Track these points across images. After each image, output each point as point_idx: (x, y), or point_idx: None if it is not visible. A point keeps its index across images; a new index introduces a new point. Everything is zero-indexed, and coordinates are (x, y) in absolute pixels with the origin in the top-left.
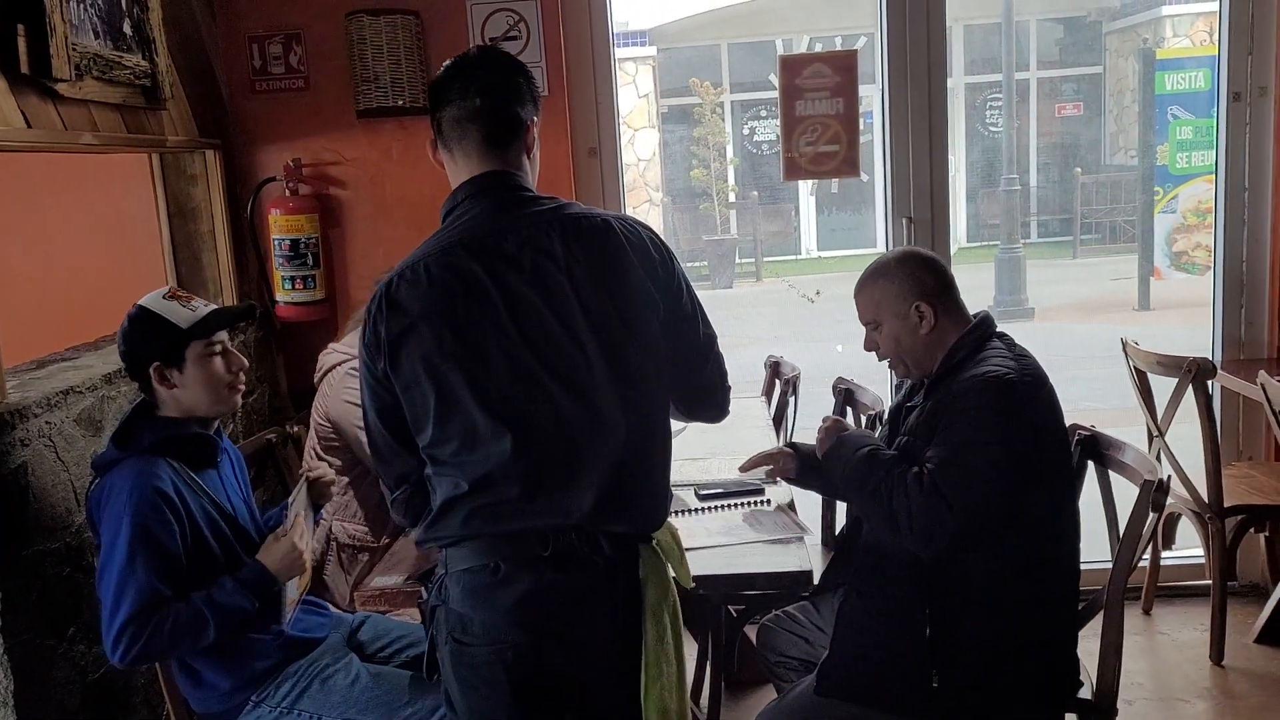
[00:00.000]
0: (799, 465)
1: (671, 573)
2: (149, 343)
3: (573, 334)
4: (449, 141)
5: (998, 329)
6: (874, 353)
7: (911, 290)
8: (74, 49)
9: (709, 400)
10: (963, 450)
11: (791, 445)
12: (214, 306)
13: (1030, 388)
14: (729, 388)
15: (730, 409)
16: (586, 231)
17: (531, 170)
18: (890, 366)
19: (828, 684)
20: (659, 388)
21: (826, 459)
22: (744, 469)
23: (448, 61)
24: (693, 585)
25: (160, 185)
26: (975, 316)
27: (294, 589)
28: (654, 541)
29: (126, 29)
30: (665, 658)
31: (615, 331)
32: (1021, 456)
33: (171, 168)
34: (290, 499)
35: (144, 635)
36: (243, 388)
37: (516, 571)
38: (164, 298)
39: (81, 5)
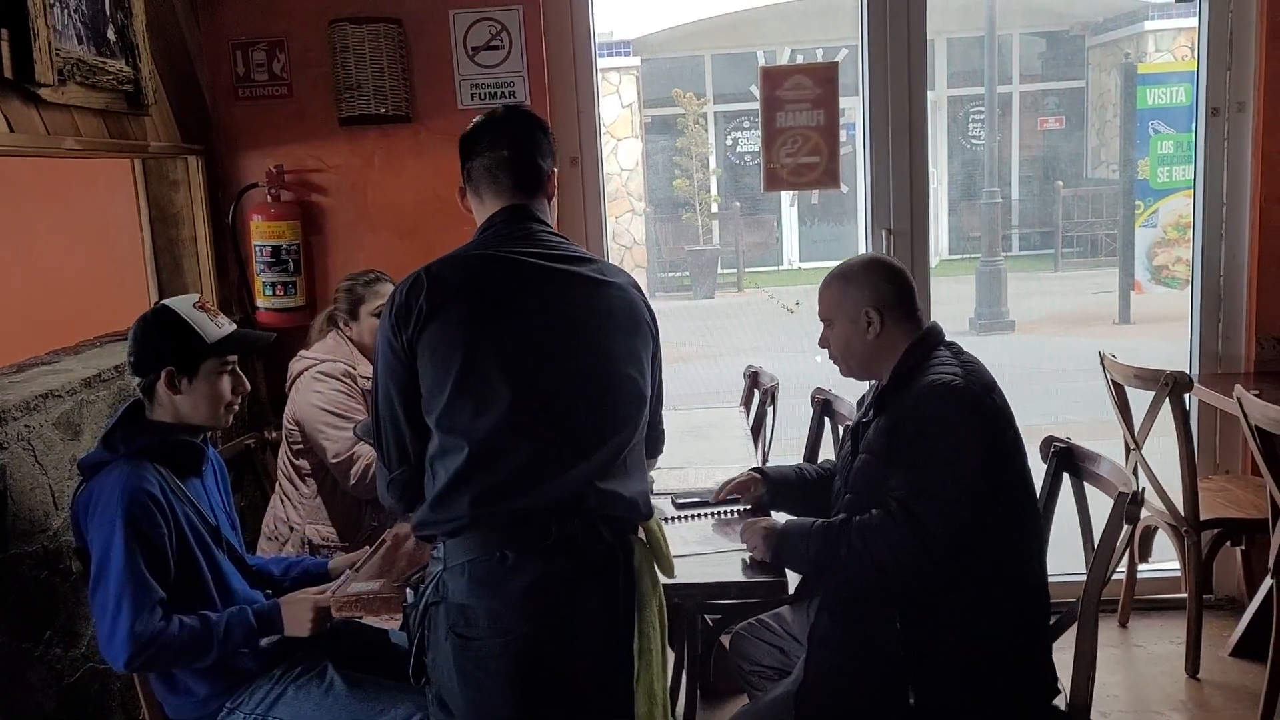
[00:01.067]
0: (770, 490)
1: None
2: (170, 347)
3: (589, 335)
4: (479, 187)
5: (945, 338)
6: (825, 349)
7: (866, 296)
8: (57, 54)
9: (655, 438)
10: (929, 473)
11: (760, 471)
12: (235, 326)
13: (977, 393)
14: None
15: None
16: (609, 271)
17: (551, 214)
18: (835, 364)
19: (806, 708)
20: (645, 411)
21: (780, 558)
22: (714, 500)
23: (478, 118)
24: (674, 577)
25: (142, 190)
26: (919, 325)
27: None
28: (642, 534)
29: (110, 34)
30: (655, 646)
31: (623, 347)
32: (980, 462)
33: (154, 173)
34: (354, 569)
35: (151, 649)
36: (237, 409)
37: (523, 560)
38: (194, 306)
39: (65, 10)
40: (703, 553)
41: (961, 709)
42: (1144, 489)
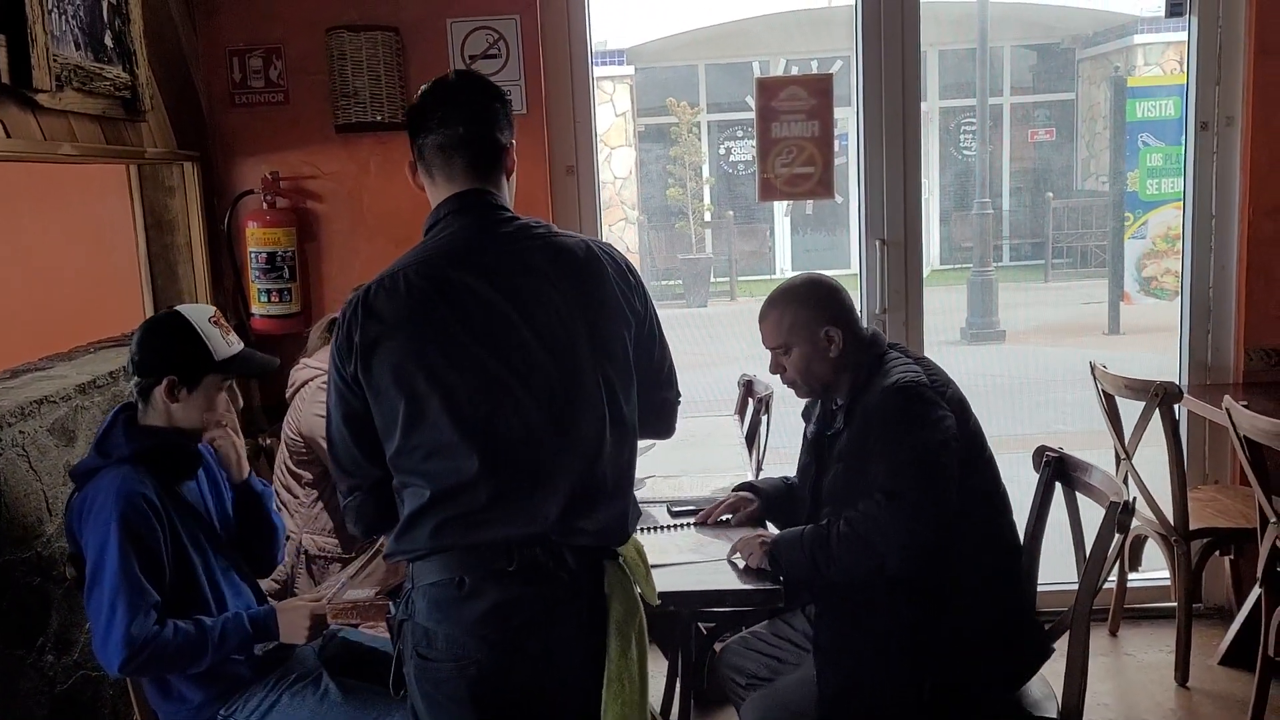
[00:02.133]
0: (763, 504)
1: (638, 590)
2: (178, 356)
3: (549, 349)
4: (431, 167)
5: (888, 342)
6: (779, 375)
7: (821, 315)
8: (55, 60)
9: (662, 417)
10: (905, 460)
11: (749, 486)
12: (243, 345)
13: (938, 386)
14: (678, 405)
15: (678, 427)
16: (565, 251)
17: (509, 191)
18: (792, 387)
19: None
20: (629, 406)
21: (778, 566)
22: (703, 521)
23: (426, 86)
24: (658, 603)
25: (138, 196)
26: (867, 333)
27: None
28: (620, 558)
29: (108, 41)
30: (628, 675)
31: (589, 346)
32: (952, 448)
33: (149, 179)
34: (347, 579)
35: (145, 653)
36: (226, 424)
37: (481, 585)
38: (209, 320)
39: (63, 16)
40: (698, 560)
41: (968, 693)
42: (1134, 499)
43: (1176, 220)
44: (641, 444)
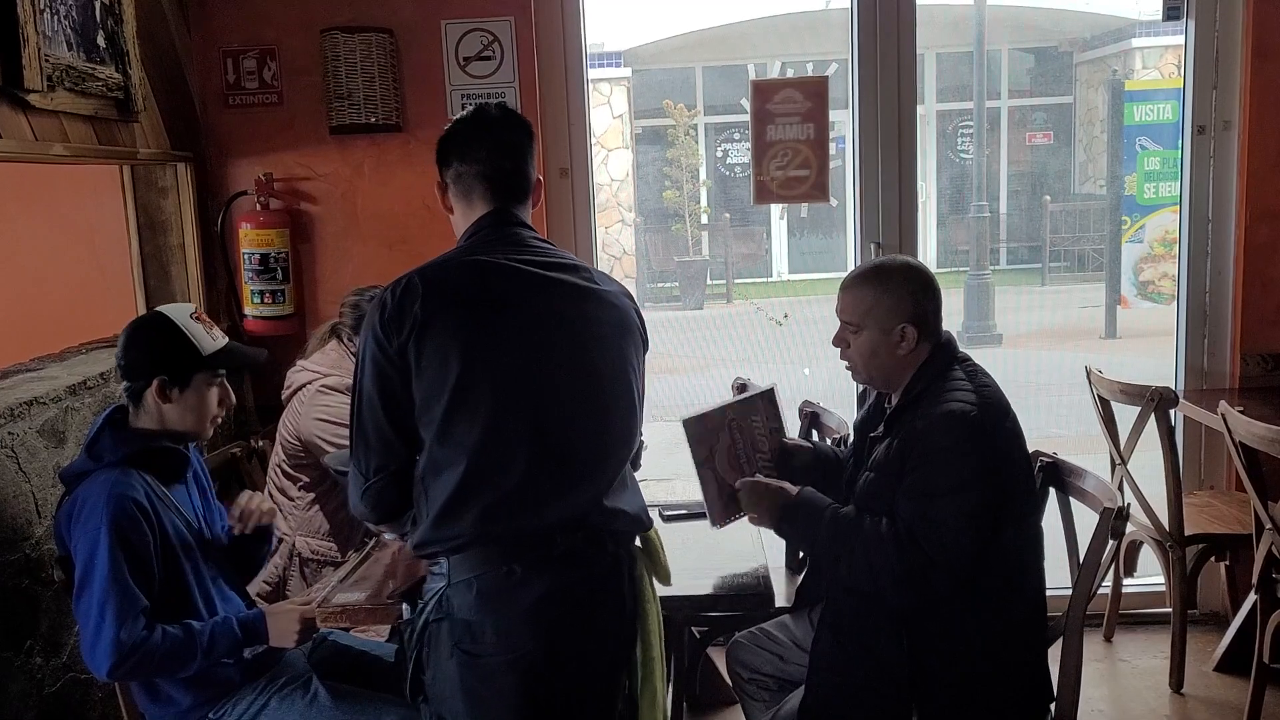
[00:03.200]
0: (813, 459)
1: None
2: (164, 356)
3: (597, 339)
4: (471, 194)
5: (960, 354)
6: (840, 350)
7: (905, 309)
8: (46, 60)
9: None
10: (935, 502)
11: (814, 444)
12: (229, 340)
13: (993, 421)
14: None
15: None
16: (600, 279)
17: (529, 218)
18: (849, 367)
19: None
20: (638, 420)
21: (781, 530)
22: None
23: (467, 115)
24: (670, 585)
25: (130, 197)
26: (941, 340)
27: None
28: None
29: (100, 41)
30: (657, 653)
31: (619, 365)
32: (991, 495)
33: (142, 180)
34: (336, 581)
35: (133, 658)
36: (221, 422)
37: (531, 573)
38: (191, 317)
39: (55, 17)
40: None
41: None
42: (1129, 504)
43: (1174, 224)
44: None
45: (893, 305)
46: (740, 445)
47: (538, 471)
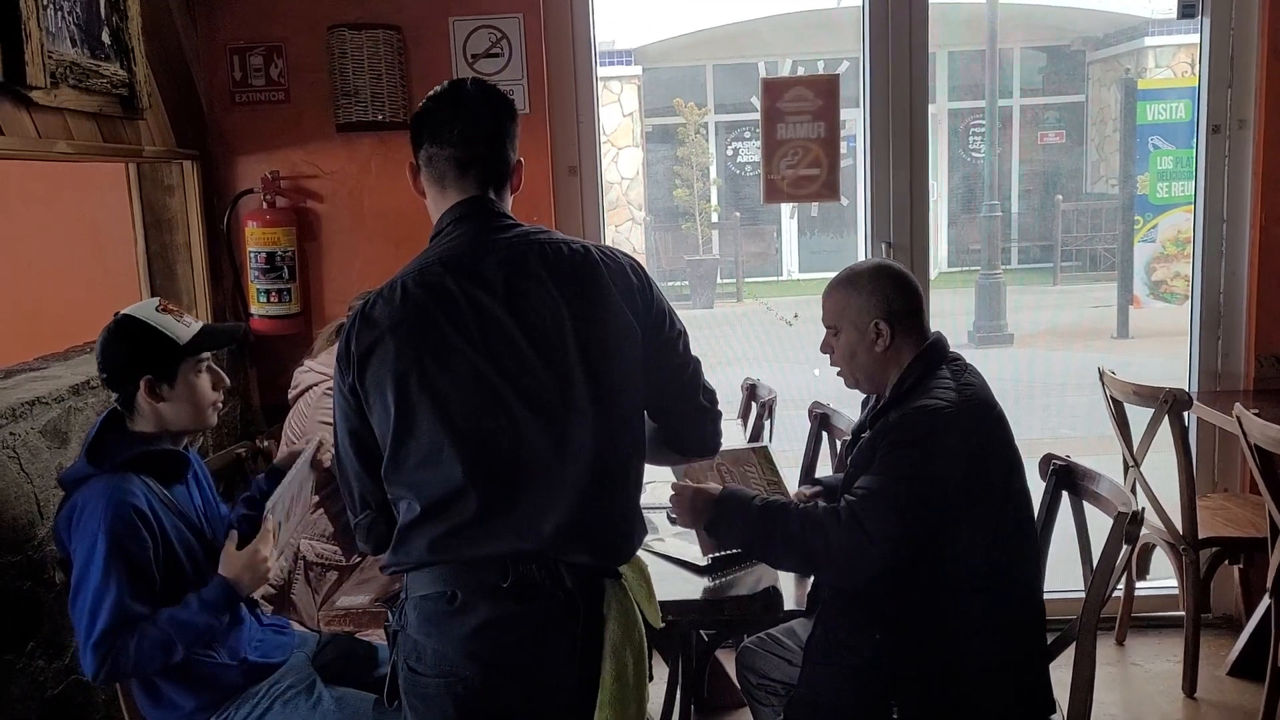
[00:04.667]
0: (829, 496)
1: (641, 613)
2: (143, 355)
3: (545, 357)
4: (444, 179)
5: (950, 354)
6: (828, 355)
7: (876, 306)
8: (50, 57)
9: (696, 430)
10: (888, 484)
11: (817, 482)
12: (203, 322)
13: (967, 417)
14: (719, 416)
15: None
16: (565, 258)
17: (508, 203)
18: (839, 374)
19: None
20: (634, 416)
21: (713, 529)
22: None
23: (440, 91)
24: (662, 625)
25: (136, 195)
26: (925, 338)
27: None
28: (621, 578)
29: (105, 38)
30: (623, 699)
31: (589, 357)
32: (954, 485)
33: (148, 178)
34: (275, 497)
35: (113, 653)
36: (222, 407)
37: (474, 600)
38: (157, 310)
39: (59, 13)
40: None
41: None
42: (1143, 508)
43: (1187, 224)
44: None
45: (864, 304)
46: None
47: (485, 502)
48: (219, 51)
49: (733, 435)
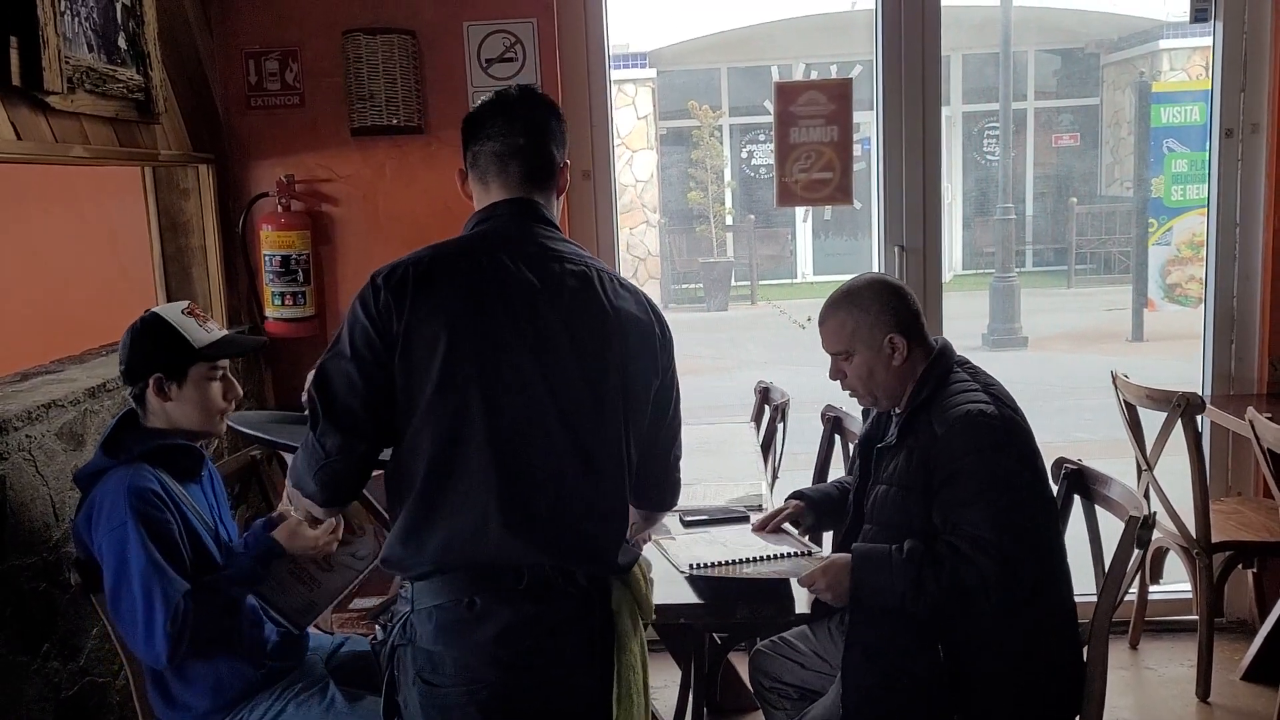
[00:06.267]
0: (814, 513)
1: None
2: (156, 353)
3: (584, 370)
4: (486, 174)
5: (959, 358)
6: (839, 381)
7: (885, 322)
8: (67, 62)
9: (662, 483)
10: (989, 503)
11: (799, 495)
12: (226, 331)
13: (1010, 420)
14: (679, 483)
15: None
16: (610, 282)
17: (557, 210)
18: (853, 395)
19: None
20: (640, 442)
21: (858, 597)
22: (759, 528)
23: (488, 97)
24: (653, 619)
25: (152, 199)
26: (935, 344)
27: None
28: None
29: (121, 43)
30: (636, 688)
31: (616, 384)
32: (1025, 489)
33: (164, 181)
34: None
35: (182, 633)
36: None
37: (493, 606)
38: (182, 313)
39: (76, 19)
40: (738, 559)
41: None
42: (1154, 513)
43: (1201, 227)
44: None
45: (874, 321)
46: None
47: (509, 506)
48: (234, 56)
49: (745, 439)
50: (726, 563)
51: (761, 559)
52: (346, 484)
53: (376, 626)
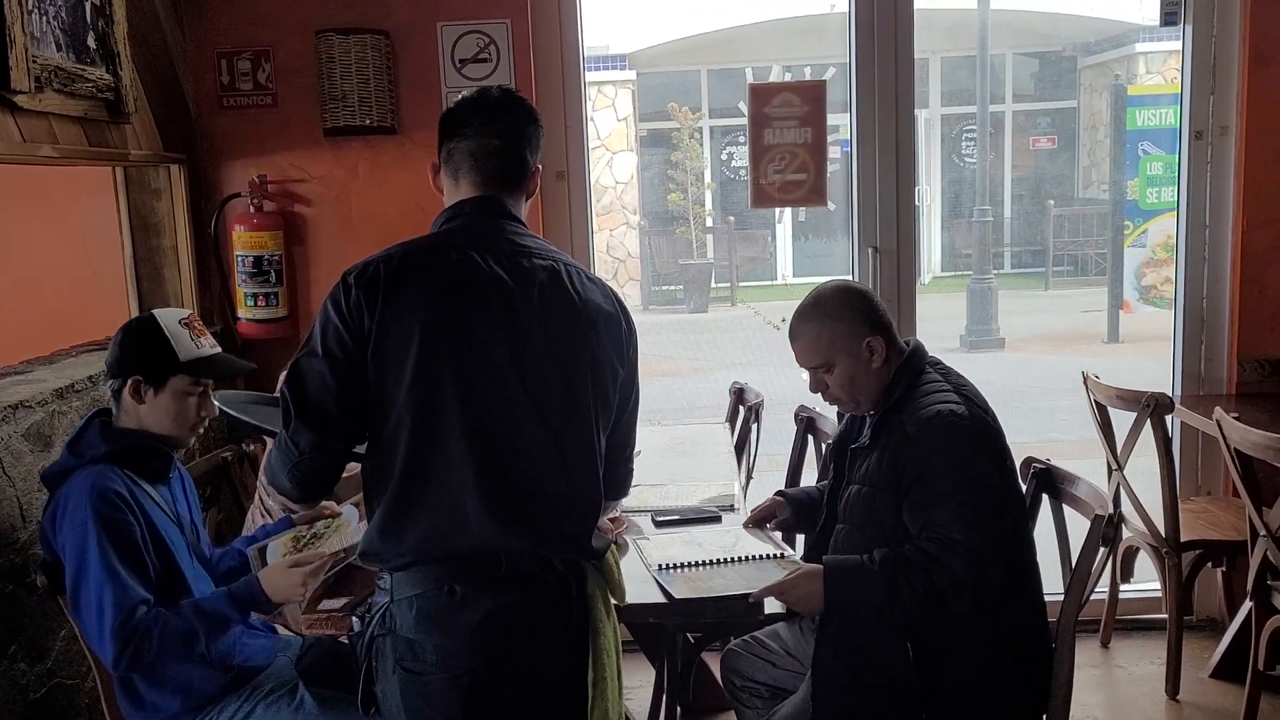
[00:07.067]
0: (794, 512)
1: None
2: (142, 355)
3: (557, 359)
4: (458, 172)
5: (930, 358)
6: (820, 394)
7: (861, 326)
8: (35, 61)
9: (618, 473)
10: (960, 503)
11: (782, 494)
12: (218, 350)
13: (981, 420)
14: (632, 472)
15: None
16: (577, 276)
17: (524, 212)
18: (836, 404)
19: None
20: (607, 432)
21: (834, 607)
22: (750, 524)
23: (468, 94)
24: (625, 602)
25: (123, 199)
26: (907, 345)
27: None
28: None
29: (90, 42)
30: (611, 672)
31: (587, 377)
32: (996, 489)
33: (135, 182)
34: (331, 530)
35: (135, 641)
36: (202, 431)
37: (474, 594)
38: (179, 322)
39: (44, 18)
40: (715, 560)
41: None
42: (1120, 511)
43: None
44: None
45: (849, 330)
46: None
47: (486, 497)
48: (207, 56)
49: (719, 438)
50: (697, 564)
51: (736, 560)
52: (321, 480)
53: (354, 619)
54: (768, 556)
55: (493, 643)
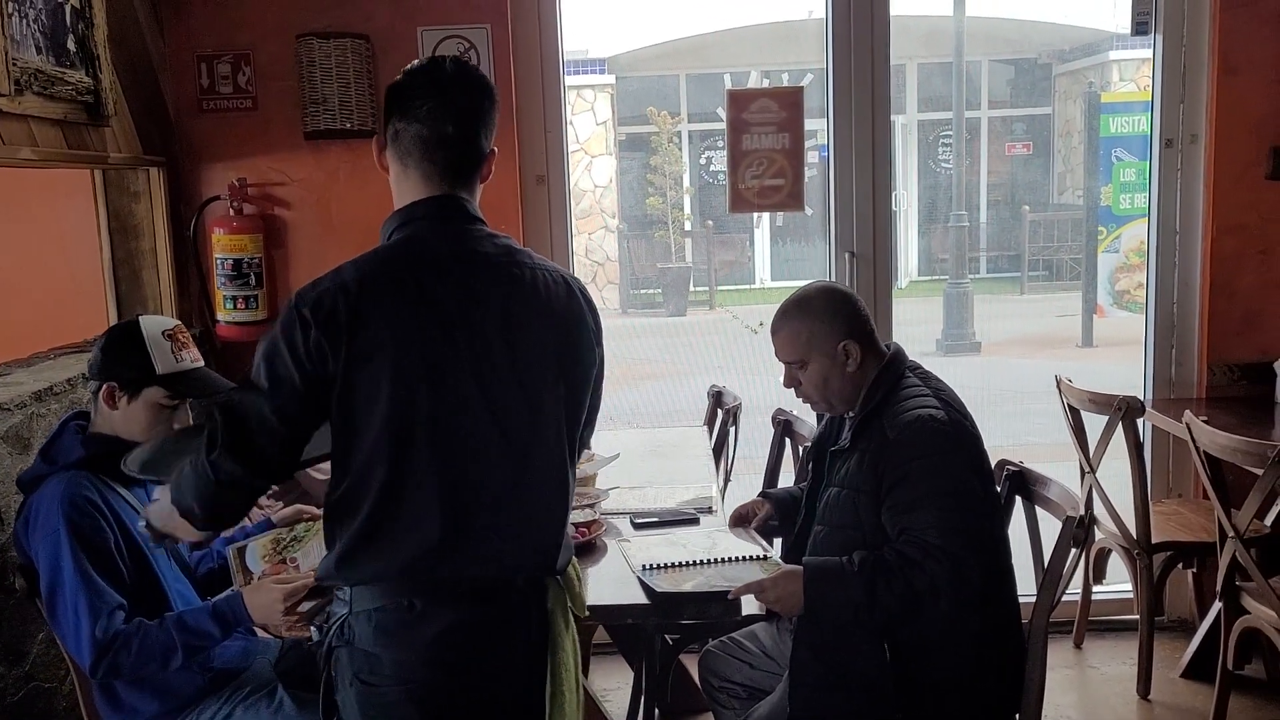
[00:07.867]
0: (778, 512)
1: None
2: (120, 363)
3: (525, 389)
4: (407, 158)
5: (911, 362)
6: (793, 390)
7: (839, 329)
8: (14, 64)
9: (585, 435)
10: (940, 507)
11: (765, 495)
12: (200, 365)
13: (959, 425)
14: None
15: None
16: (541, 276)
17: (478, 196)
18: (808, 402)
19: None
20: (577, 444)
21: (813, 609)
22: (735, 524)
23: (418, 65)
24: (586, 615)
25: (102, 201)
26: (888, 349)
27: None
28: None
29: (70, 45)
30: (569, 686)
31: (555, 387)
32: (973, 494)
33: (114, 184)
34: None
35: (113, 650)
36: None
37: (432, 608)
38: (163, 333)
39: (24, 20)
40: (700, 560)
41: None
42: (1091, 513)
43: None
44: (607, 453)
45: (827, 330)
46: None
47: (450, 530)
48: (186, 59)
49: (697, 442)
50: (681, 564)
51: (718, 560)
52: (234, 511)
53: (312, 628)
54: (750, 558)
55: (450, 655)
